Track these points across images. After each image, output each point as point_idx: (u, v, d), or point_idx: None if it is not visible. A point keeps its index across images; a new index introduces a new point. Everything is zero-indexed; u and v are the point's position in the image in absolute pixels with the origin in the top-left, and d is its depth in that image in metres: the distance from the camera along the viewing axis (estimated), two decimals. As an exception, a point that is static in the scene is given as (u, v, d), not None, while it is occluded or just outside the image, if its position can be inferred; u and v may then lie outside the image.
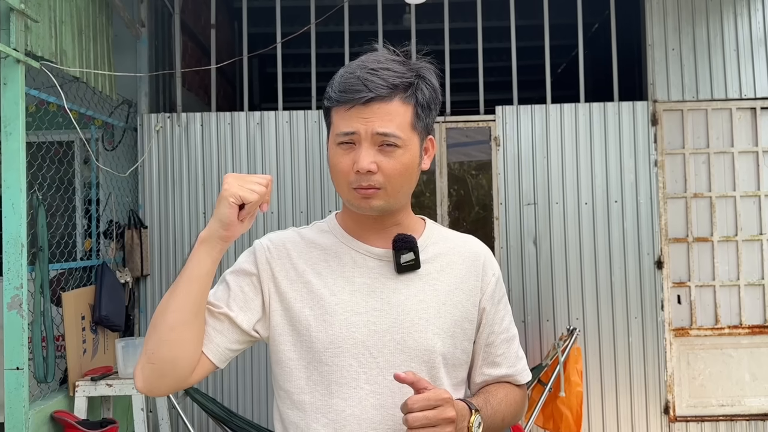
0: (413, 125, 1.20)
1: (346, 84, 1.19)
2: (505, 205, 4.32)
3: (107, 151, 4.37)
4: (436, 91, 1.25)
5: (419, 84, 1.21)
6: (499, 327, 1.31)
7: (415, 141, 1.21)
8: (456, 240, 1.33)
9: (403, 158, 1.19)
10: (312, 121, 4.37)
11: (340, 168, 1.20)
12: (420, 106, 1.21)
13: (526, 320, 4.29)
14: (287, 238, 1.29)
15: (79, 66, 3.66)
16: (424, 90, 1.22)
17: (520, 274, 4.30)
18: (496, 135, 4.35)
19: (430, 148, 1.28)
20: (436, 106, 1.26)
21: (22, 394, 3.02)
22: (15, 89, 3.05)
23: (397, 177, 1.19)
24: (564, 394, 3.82)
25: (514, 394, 1.32)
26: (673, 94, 4.41)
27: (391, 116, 1.17)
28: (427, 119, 1.23)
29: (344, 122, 1.18)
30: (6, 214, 3.05)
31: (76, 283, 3.92)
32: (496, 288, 1.31)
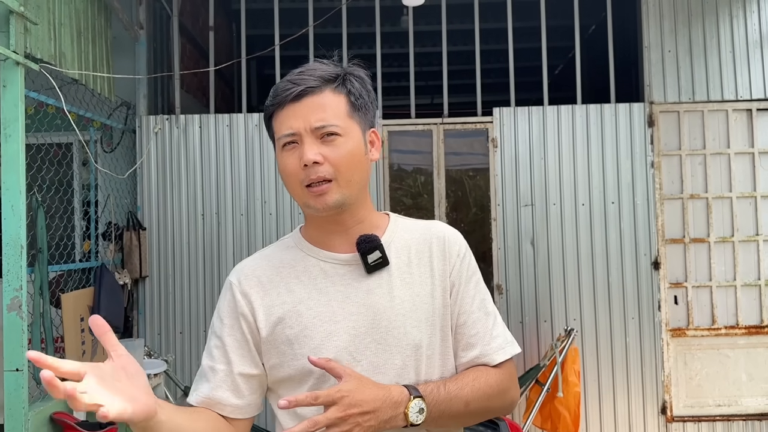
0: (349, 114, 1.22)
1: (278, 89, 1.23)
2: (502, 207, 4.33)
3: (106, 152, 4.37)
4: (366, 84, 1.26)
5: (347, 76, 1.24)
6: (470, 306, 1.27)
7: (355, 129, 1.23)
8: (420, 229, 1.33)
9: (346, 146, 1.20)
10: (310, 123, 4.38)
11: (290, 169, 1.21)
12: (353, 96, 1.23)
13: (523, 321, 4.31)
14: (256, 266, 1.30)
15: (78, 68, 3.67)
16: (354, 82, 1.24)
17: (518, 275, 4.32)
18: (494, 136, 4.36)
19: (375, 139, 1.29)
20: (371, 100, 1.27)
21: (21, 396, 3.02)
22: (14, 91, 3.05)
23: (345, 165, 1.20)
24: (562, 395, 3.83)
25: (487, 376, 1.23)
26: (670, 96, 4.44)
27: (324, 107, 1.20)
28: (364, 110, 1.25)
29: (283, 125, 1.21)
30: (5, 215, 3.05)
31: (75, 284, 3.93)
32: (461, 266, 1.28)
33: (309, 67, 1.24)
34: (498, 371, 1.26)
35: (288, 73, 1.27)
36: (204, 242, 4.34)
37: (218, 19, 5.12)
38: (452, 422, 1.21)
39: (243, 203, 4.35)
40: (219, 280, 4.31)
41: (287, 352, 1.23)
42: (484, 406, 1.22)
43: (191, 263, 4.33)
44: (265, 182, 4.36)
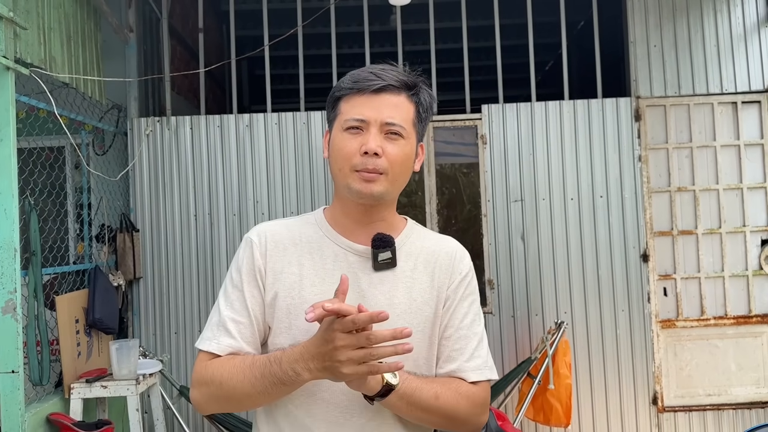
0: (414, 122, 1.30)
1: (359, 76, 1.29)
2: (492, 202, 4.38)
3: (98, 155, 4.40)
4: (433, 102, 1.34)
5: (422, 88, 1.32)
6: (459, 322, 1.31)
7: (413, 137, 1.31)
8: (433, 240, 1.38)
9: (405, 148, 1.28)
10: (300, 123, 4.42)
11: (347, 151, 1.26)
12: (421, 107, 1.31)
13: (515, 315, 4.36)
14: (275, 232, 1.35)
15: (69, 72, 3.70)
16: (426, 95, 1.33)
17: (509, 269, 4.36)
18: (483, 133, 4.41)
19: (421, 153, 1.37)
20: (430, 118, 1.36)
21: (17, 397, 3.06)
22: (5, 96, 3.08)
23: (399, 164, 1.27)
24: (553, 387, 3.88)
25: (459, 385, 1.27)
26: (656, 90, 4.49)
27: (398, 108, 1.27)
28: (424, 123, 1.33)
29: (355, 109, 1.26)
30: (-2, 219, 3.08)
31: (70, 286, 3.96)
32: (460, 285, 1.34)
33: (390, 67, 1.30)
34: (471, 386, 1.29)
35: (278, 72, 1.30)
36: (197, 243, 4.37)
37: (208, 20, 5.14)
38: (421, 411, 1.23)
39: (235, 203, 4.38)
40: (213, 280, 4.34)
41: (283, 320, 1.28)
42: (452, 407, 1.25)
43: (185, 264, 4.36)
44: (257, 182, 4.39)
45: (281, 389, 1.18)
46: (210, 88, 5.80)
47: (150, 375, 3.72)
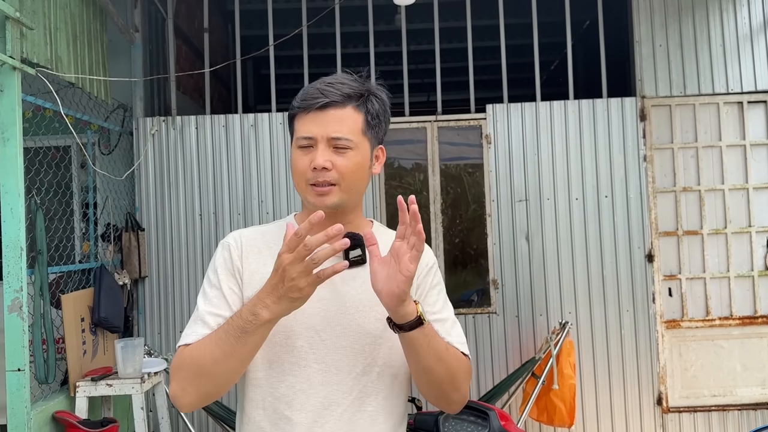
0: (364, 131, 1.36)
1: (307, 94, 1.37)
2: (497, 202, 4.38)
3: (104, 155, 4.42)
4: (385, 105, 1.40)
5: (370, 97, 1.38)
6: (432, 307, 1.38)
7: (365, 145, 1.37)
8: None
9: (355, 158, 1.35)
10: (305, 122, 4.42)
11: (300, 167, 1.36)
12: (370, 115, 1.37)
13: (519, 315, 4.36)
14: (250, 236, 1.43)
15: (75, 72, 3.71)
16: (374, 102, 1.38)
17: (513, 269, 4.36)
18: (487, 133, 4.41)
19: (381, 155, 1.43)
20: (386, 120, 1.41)
21: (23, 395, 3.07)
22: (12, 96, 3.10)
23: (350, 174, 1.35)
24: (557, 387, 3.88)
25: (455, 349, 1.35)
26: (661, 90, 4.47)
27: (343, 121, 1.34)
28: (377, 129, 1.39)
29: (304, 127, 1.35)
30: (5, 218, 3.10)
31: (75, 285, 3.98)
32: (428, 274, 1.41)
33: (338, 80, 1.37)
34: (462, 355, 1.37)
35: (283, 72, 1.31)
36: (202, 242, 4.39)
37: (213, 20, 5.16)
38: (435, 358, 1.29)
39: (240, 203, 4.39)
40: (217, 279, 4.34)
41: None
42: (455, 364, 1.32)
43: (190, 263, 4.38)
44: (262, 181, 4.40)
45: (245, 340, 1.23)
46: (215, 87, 5.81)
47: (155, 373, 3.73)
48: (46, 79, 3.37)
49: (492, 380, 4.29)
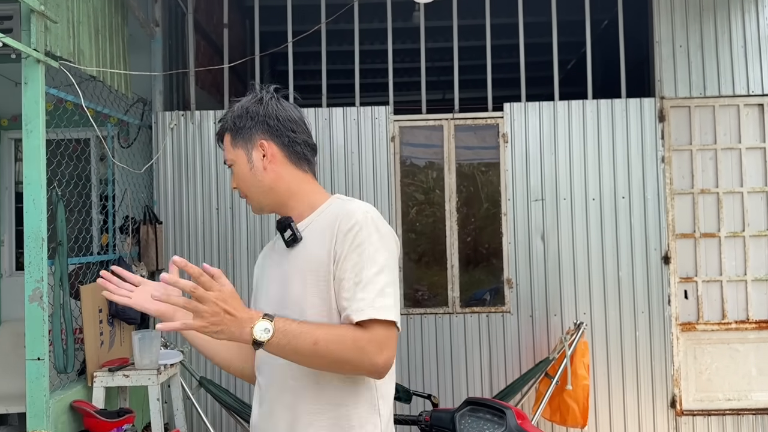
0: (233, 144, 1.57)
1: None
2: (513, 201, 4.37)
3: (123, 148, 4.46)
4: (241, 109, 1.56)
5: (227, 116, 1.59)
6: (347, 273, 1.41)
7: (241, 153, 1.56)
8: (340, 209, 1.50)
9: (238, 171, 1.57)
10: (322, 119, 4.44)
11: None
12: (231, 130, 1.57)
13: (533, 315, 4.35)
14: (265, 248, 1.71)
15: (96, 65, 3.75)
16: (229, 118, 1.58)
17: (528, 269, 4.35)
18: (504, 131, 4.40)
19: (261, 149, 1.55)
20: (251, 119, 1.55)
21: (43, 384, 3.12)
22: (35, 88, 3.14)
23: (243, 185, 1.57)
24: (571, 387, 3.87)
25: (345, 329, 1.37)
26: (681, 91, 4.44)
27: (226, 147, 1.59)
28: (242, 133, 1.55)
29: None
30: (27, 209, 3.14)
31: (94, 276, 4.02)
32: (345, 238, 1.43)
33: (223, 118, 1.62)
34: (357, 329, 1.37)
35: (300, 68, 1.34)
36: (219, 236, 4.42)
37: (232, 15, 5.18)
38: (298, 357, 1.36)
39: (257, 198, 4.41)
40: (233, 273, 4.39)
41: (252, 303, 1.62)
42: (333, 351, 1.34)
43: (206, 257, 4.41)
44: (279, 177, 4.41)
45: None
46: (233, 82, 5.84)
47: (171, 365, 3.77)
48: (68, 72, 3.40)
49: (505, 380, 4.29)
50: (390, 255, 1.43)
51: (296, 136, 1.56)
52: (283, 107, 1.57)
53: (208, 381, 3.93)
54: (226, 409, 3.95)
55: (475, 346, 4.35)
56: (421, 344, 4.34)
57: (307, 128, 1.60)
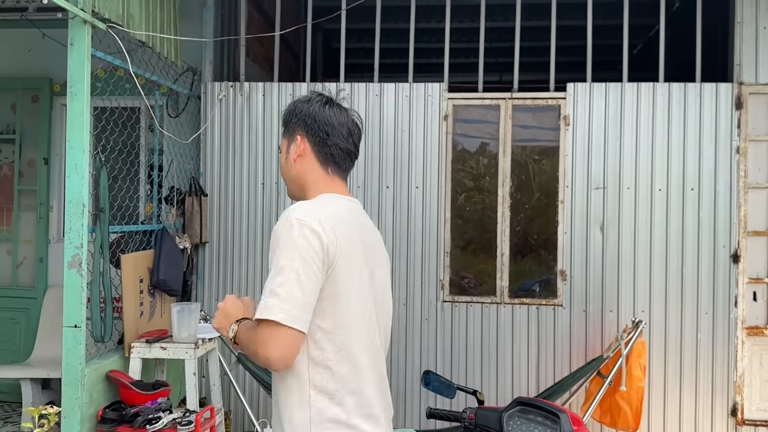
0: (282, 134, 1.80)
1: None
2: (571, 189, 4.12)
3: (171, 117, 4.40)
4: (289, 108, 1.78)
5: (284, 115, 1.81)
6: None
7: (284, 144, 1.77)
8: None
9: (280, 158, 1.80)
10: (373, 94, 4.27)
11: None
12: (283, 120, 1.80)
13: (587, 310, 4.11)
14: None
15: (146, 30, 3.66)
16: (284, 114, 1.80)
17: (584, 261, 4.11)
18: (566, 114, 4.14)
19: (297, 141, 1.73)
20: (294, 115, 1.74)
21: (79, 352, 3.07)
22: (81, 50, 3.06)
23: (281, 170, 1.80)
24: (625, 389, 3.64)
25: (254, 328, 1.56)
26: (762, 76, 4.09)
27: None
28: (287, 127, 1.76)
29: None
30: (69, 174, 3.09)
31: (136, 246, 3.98)
32: (270, 248, 1.60)
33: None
34: (256, 326, 1.55)
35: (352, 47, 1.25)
36: (263, 211, 4.32)
37: (286, -14, 5.03)
38: (244, 349, 1.60)
39: (303, 173, 4.29)
40: (276, 249, 4.28)
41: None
42: (247, 347, 1.58)
43: (250, 231, 4.32)
44: (326, 153, 4.27)
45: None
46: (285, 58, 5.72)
47: (209, 340, 3.69)
48: (116, 36, 3.32)
49: (553, 376, 4.08)
50: (295, 253, 1.51)
51: (329, 138, 1.70)
52: (325, 111, 1.71)
53: (246, 358, 3.85)
54: (264, 388, 3.86)
55: (523, 340, 4.13)
56: (466, 334, 4.16)
57: (347, 134, 1.72)
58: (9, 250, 4.94)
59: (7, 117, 4.95)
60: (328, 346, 1.54)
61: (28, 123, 4.91)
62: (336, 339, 1.55)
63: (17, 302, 4.85)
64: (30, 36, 4.64)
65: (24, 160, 4.93)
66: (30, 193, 4.90)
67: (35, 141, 4.86)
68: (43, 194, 4.83)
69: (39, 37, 4.50)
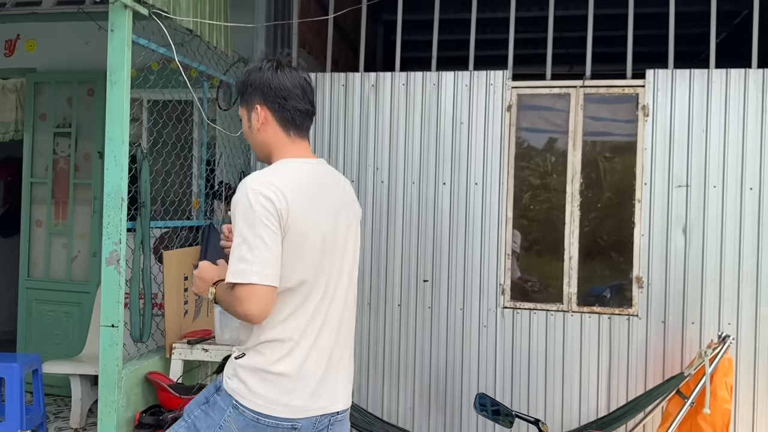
0: (240, 105, 1.92)
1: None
2: (650, 186, 3.71)
3: (221, 110, 4.26)
4: (245, 76, 1.88)
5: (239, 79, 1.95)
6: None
7: (244, 114, 1.90)
8: None
9: (243, 128, 1.93)
10: (430, 84, 3.99)
11: None
12: (239, 92, 1.92)
13: (666, 321, 3.69)
14: None
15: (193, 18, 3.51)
16: (239, 82, 1.93)
17: (663, 266, 3.69)
18: (645, 103, 3.74)
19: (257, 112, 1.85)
20: (248, 85, 1.86)
21: (115, 352, 2.94)
22: (121, 36, 2.93)
23: (247, 138, 1.94)
24: (709, 411, 3.24)
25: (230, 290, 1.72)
26: None
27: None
28: (244, 97, 1.88)
29: None
30: (108, 166, 2.96)
31: (182, 242, 3.85)
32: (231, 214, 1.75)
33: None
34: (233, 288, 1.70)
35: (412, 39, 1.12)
36: (313, 208, 4.11)
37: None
38: (224, 306, 1.78)
39: (354, 169, 4.06)
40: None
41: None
42: (226, 304, 1.76)
43: (299, 229, 4.13)
44: (378, 147, 4.03)
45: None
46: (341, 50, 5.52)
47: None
48: (161, 22, 3.18)
49: (626, 394, 3.69)
50: (253, 219, 1.67)
51: (286, 103, 1.82)
52: (278, 76, 1.82)
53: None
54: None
55: (592, 353, 3.76)
56: (528, 344, 3.81)
57: (302, 95, 1.83)
58: (64, 244, 4.94)
59: (64, 110, 4.95)
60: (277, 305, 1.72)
61: (83, 116, 4.89)
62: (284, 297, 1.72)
63: (71, 296, 4.83)
64: (85, 29, 4.61)
65: (80, 153, 4.91)
66: (85, 186, 4.88)
67: (90, 134, 4.84)
68: (98, 188, 4.80)
69: (95, 30, 4.45)
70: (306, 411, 1.73)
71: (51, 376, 4.31)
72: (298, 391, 1.73)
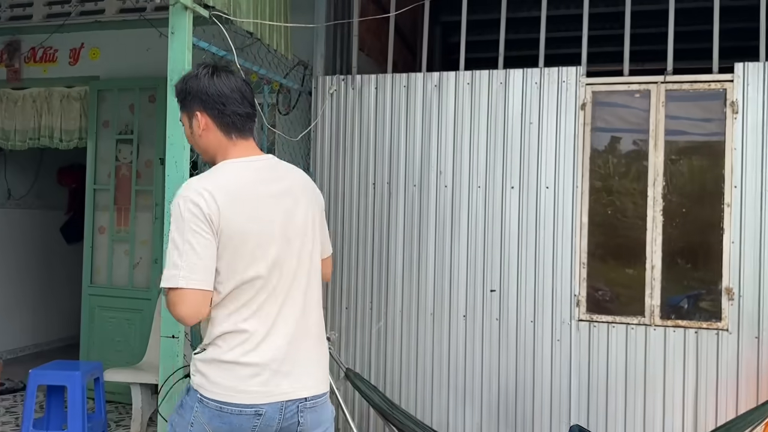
0: (180, 111, 1.94)
1: None
2: (741, 189, 3.41)
3: (282, 114, 4.18)
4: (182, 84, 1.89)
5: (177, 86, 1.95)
6: None
7: (185, 120, 1.92)
8: None
9: (186, 133, 1.96)
10: (497, 82, 3.79)
11: None
12: (178, 100, 1.92)
13: (760, 336, 3.38)
14: None
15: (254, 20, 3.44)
16: (177, 89, 1.92)
17: (757, 277, 3.38)
18: (734, 99, 3.44)
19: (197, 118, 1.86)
20: (186, 93, 1.87)
21: (176, 364, 2.86)
22: (182, 39, 2.86)
23: (190, 143, 1.98)
24: (812, 439, 2.92)
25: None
26: None
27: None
28: (184, 104, 1.90)
29: None
30: (169, 172, 2.90)
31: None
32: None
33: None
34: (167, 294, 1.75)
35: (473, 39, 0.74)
36: (374, 213, 3.97)
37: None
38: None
39: (416, 173, 3.90)
40: (388, 254, 3.93)
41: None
42: (168, 309, 1.75)
43: (360, 235, 4.00)
44: (442, 151, 3.86)
45: None
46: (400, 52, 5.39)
47: (314, 354, 3.38)
48: (222, 26, 3.11)
49: (715, 417, 3.38)
50: (182, 225, 1.70)
51: (225, 108, 1.82)
52: (215, 83, 1.82)
53: (354, 374, 3.52)
54: (375, 410, 3.52)
55: (677, 370, 3.47)
56: (606, 361, 3.56)
57: (241, 99, 1.83)
58: (126, 251, 4.96)
59: (126, 117, 4.98)
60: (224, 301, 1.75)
61: (145, 123, 4.91)
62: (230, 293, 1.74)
63: (133, 303, 4.85)
64: (147, 36, 4.63)
65: (141, 160, 4.93)
66: (147, 193, 4.89)
67: (152, 141, 4.85)
68: (159, 194, 4.80)
69: (156, 37, 4.45)
70: (267, 396, 1.75)
71: (112, 384, 4.30)
72: (255, 377, 1.74)
